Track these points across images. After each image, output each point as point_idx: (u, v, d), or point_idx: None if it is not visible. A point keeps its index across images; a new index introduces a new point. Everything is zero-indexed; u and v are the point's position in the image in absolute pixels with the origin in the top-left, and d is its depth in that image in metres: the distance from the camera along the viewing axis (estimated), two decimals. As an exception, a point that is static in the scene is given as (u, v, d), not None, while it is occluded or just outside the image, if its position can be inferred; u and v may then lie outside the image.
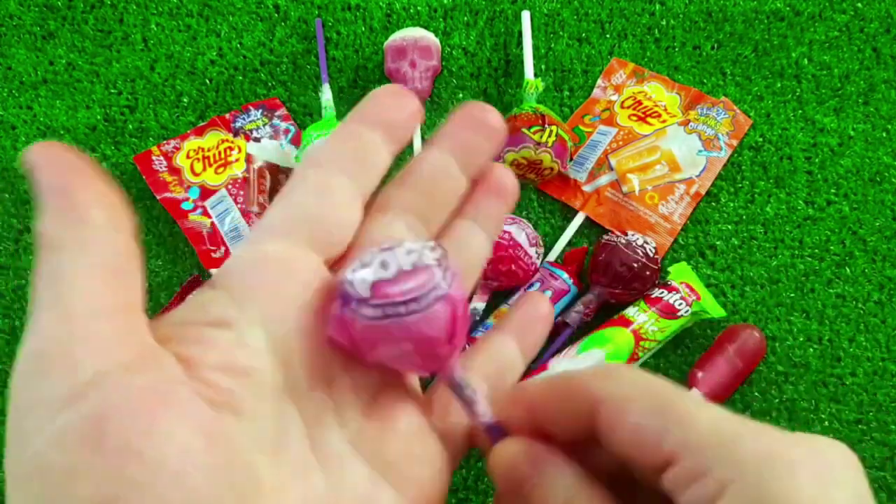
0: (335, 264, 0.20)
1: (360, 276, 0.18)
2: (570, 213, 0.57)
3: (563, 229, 0.56)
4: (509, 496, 0.20)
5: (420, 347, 0.18)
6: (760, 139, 0.59)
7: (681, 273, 0.53)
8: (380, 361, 0.19)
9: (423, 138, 0.58)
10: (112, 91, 0.61)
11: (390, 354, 0.18)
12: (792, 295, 0.54)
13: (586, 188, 0.57)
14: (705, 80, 0.61)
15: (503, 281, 0.52)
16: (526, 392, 0.20)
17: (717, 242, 0.56)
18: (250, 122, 0.59)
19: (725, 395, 0.49)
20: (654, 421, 0.17)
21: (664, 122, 0.58)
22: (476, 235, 0.23)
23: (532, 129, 0.52)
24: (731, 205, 0.57)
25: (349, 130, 0.21)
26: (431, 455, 0.20)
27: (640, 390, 0.18)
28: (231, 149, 0.58)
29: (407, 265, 0.18)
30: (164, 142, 0.58)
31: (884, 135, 0.59)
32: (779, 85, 0.61)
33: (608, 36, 0.63)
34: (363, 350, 0.18)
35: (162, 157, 0.57)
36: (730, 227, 0.56)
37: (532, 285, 0.52)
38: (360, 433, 0.19)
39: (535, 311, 0.23)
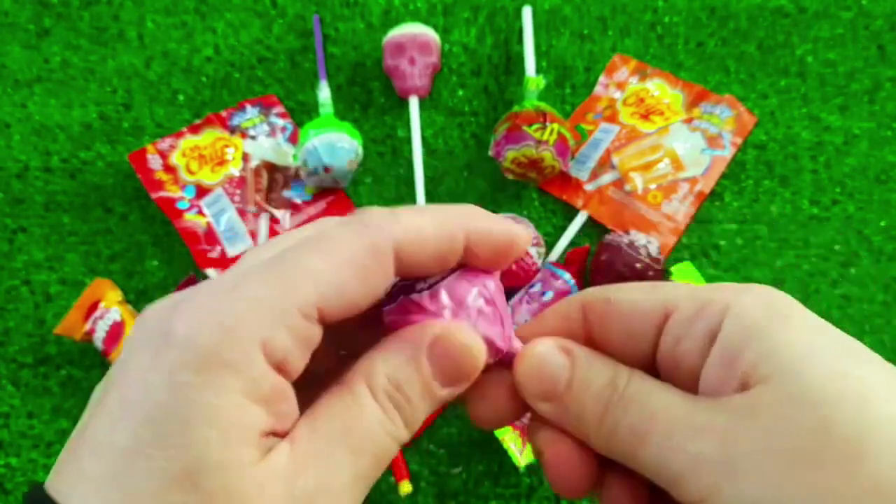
0: None
1: None
2: (571, 213, 0.56)
3: (564, 229, 0.55)
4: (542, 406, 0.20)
5: None
6: (765, 137, 0.58)
7: (684, 273, 0.52)
8: None
9: (422, 137, 0.57)
10: (107, 89, 0.60)
11: None
12: (797, 296, 0.53)
13: (588, 187, 0.56)
14: (709, 78, 0.60)
15: (504, 281, 0.51)
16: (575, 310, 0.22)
17: (721, 242, 0.55)
18: (247, 119, 0.58)
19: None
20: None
21: (667, 119, 0.57)
22: None
23: (533, 127, 0.51)
24: (735, 204, 0.56)
25: None
26: None
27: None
28: (227, 147, 0.57)
29: None
30: (160, 140, 0.57)
31: (889, 133, 0.58)
32: (783, 83, 0.60)
33: (610, 32, 0.62)
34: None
35: (157, 156, 0.56)
36: (734, 226, 0.56)
37: (533, 286, 0.51)
38: None
39: None
